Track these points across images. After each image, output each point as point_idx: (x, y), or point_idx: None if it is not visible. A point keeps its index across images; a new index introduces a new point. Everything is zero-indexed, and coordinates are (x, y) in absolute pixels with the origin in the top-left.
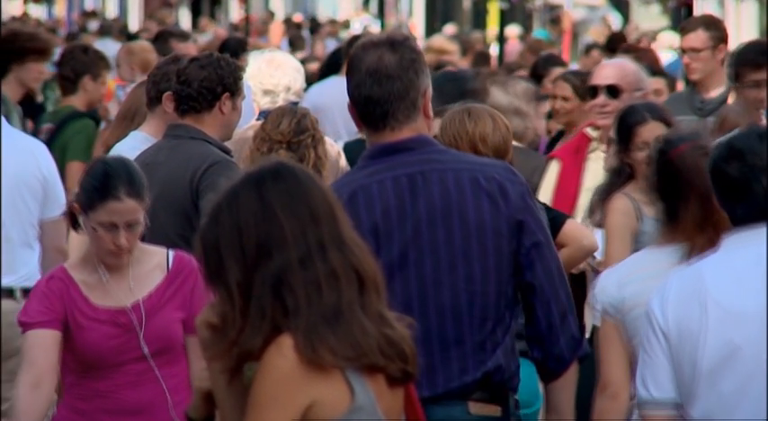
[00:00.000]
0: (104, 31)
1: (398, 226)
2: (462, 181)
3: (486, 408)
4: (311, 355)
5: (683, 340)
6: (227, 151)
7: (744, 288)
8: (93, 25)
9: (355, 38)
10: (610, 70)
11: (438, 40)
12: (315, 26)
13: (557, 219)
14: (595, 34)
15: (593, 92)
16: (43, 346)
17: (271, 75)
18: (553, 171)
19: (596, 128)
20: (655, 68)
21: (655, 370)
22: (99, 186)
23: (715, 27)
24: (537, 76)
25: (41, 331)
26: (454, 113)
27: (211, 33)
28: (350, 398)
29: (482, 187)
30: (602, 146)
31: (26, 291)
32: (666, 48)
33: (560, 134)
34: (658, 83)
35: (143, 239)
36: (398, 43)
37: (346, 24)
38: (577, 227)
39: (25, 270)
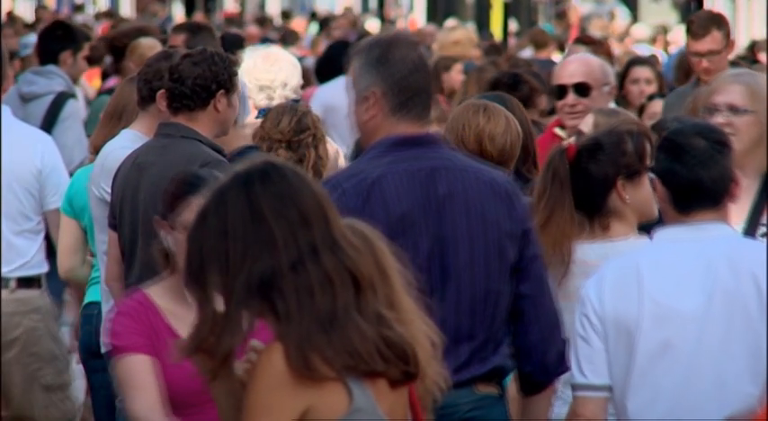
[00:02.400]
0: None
1: (423, 216)
2: (481, 182)
3: (488, 388)
4: (303, 368)
5: (619, 330)
6: (219, 150)
7: (681, 287)
8: (80, 18)
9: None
10: (575, 67)
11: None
12: (324, 22)
13: None
14: (598, 28)
15: (561, 91)
16: (147, 371)
17: (267, 70)
18: None
19: (563, 127)
20: (611, 61)
21: (591, 354)
22: (182, 188)
23: (723, 23)
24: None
25: (139, 357)
26: (469, 105)
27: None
28: (348, 401)
29: (498, 191)
30: None
31: (21, 281)
32: (638, 42)
33: None
34: (646, 72)
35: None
36: (417, 43)
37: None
38: None
39: (22, 260)
